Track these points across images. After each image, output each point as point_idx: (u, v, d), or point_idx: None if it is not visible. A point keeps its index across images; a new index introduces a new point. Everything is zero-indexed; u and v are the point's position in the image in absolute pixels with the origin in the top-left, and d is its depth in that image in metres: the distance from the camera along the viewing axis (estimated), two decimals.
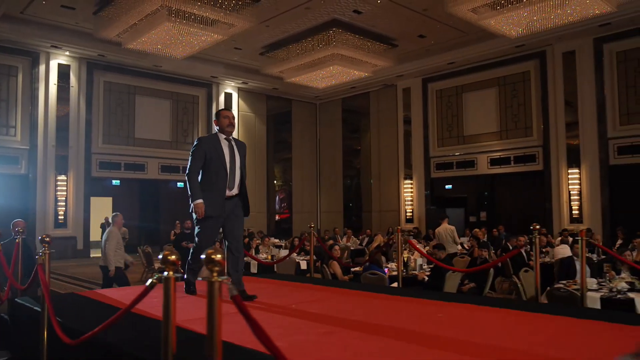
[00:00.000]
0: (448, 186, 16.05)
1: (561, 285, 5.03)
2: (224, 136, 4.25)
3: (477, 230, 10.83)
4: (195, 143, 4.23)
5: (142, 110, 15.36)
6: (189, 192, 4.11)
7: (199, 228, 4.19)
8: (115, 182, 14.98)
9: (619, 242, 11.05)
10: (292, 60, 14.17)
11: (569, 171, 13.27)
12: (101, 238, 15.49)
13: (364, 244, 12.44)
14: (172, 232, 11.56)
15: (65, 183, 13.67)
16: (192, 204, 4.07)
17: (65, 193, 13.63)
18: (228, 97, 17.17)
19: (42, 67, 13.55)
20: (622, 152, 12.70)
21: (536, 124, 14.08)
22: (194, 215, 4.14)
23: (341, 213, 18.73)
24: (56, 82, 13.66)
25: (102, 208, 15.63)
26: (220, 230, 4.30)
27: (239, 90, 17.46)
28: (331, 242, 8.84)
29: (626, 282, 4.97)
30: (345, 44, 13.16)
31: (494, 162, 14.87)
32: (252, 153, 17.74)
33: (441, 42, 14.08)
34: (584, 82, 13.15)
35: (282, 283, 5.16)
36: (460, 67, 15.27)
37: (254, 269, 8.69)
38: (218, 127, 4.32)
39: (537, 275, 4.60)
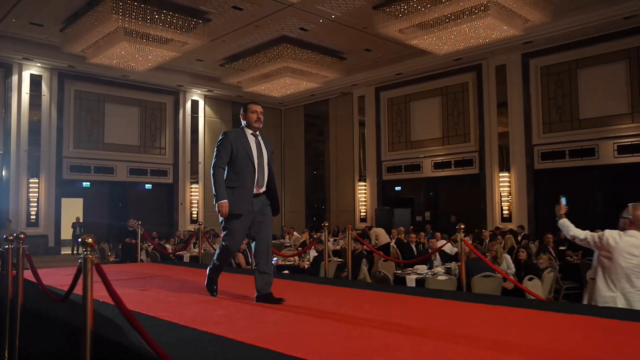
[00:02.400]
0: (397, 188, 17.28)
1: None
2: (250, 131, 4.07)
3: (401, 228, 12.02)
4: (221, 137, 4.01)
5: (111, 117, 16.46)
6: (214, 190, 3.89)
7: (225, 229, 3.98)
8: (85, 184, 16.05)
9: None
10: (248, 71, 15.33)
11: (500, 175, 14.52)
12: (72, 237, 16.65)
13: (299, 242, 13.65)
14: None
15: (37, 185, 14.75)
16: (216, 203, 3.86)
17: (37, 194, 14.71)
18: (194, 104, 18.31)
19: (14, 78, 14.63)
20: (544, 157, 13.96)
21: (473, 131, 15.32)
22: (220, 216, 3.94)
23: (303, 213, 19.92)
24: (28, 91, 14.72)
25: (73, 208, 16.71)
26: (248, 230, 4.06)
27: (205, 97, 18.60)
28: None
29: (443, 267, 6.22)
30: (295, 57, 14.33)
31: (437, 165, 16.11)
32: None
33: (386, 55, 15.28)
34: (513, 94, 14.40)
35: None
36: (407, 78, 16.49)
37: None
38: (245, 122, 4.11)
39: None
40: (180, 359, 2.31)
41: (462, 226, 4.97)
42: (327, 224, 6.21)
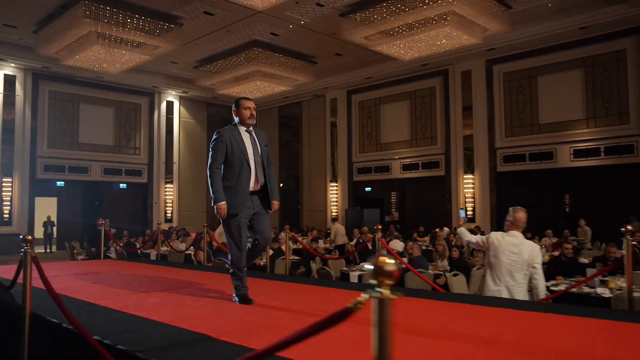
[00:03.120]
0: (368, 189, 17.74)
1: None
2: (244, 128, 4.01)
3: (365, 228, 12.47)
4: (214, 137, 3.93)
5: (86, 117, 16.66)
6: (211, 192, 3.84)
7: (227, 230, 3.91)
8: (59, 183, 16.24)
9: None
10: (221, 74, 15.65)
11: (465, 176, 15.05)
12: (43, 235, 16.78)
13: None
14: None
15: (11, 184, 14.92)
16: (214, 205, 3.81)
17: (10, 193, 14.88)
18: (170, 105, 18.58)
19: None
20: (506, 160, 14.51)
21: (440, 134, 15.83)
22: (219, 212, 3.85)
23: (277, 212, 20.22)
24: (2, 91, 14.87)
25: (47, 207, 16.88)
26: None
27: (180, 98, 18.87)
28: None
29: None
30: (266, 61, 14.69)
31: (405, 167, 16.59)
32: (192, 158, 19.22)
33: (356, 59, 15.71)
34: (477, 98, 14.93)
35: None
36: (377, 82, 16.95)
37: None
38: (238, 119, 4.03)
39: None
40: (101, 334, 2.69)
41: (422, 228, 5.41)
42: (288, 226, 6.63)
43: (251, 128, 4.06)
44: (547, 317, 3.36)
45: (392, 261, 1.25)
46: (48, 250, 16.39)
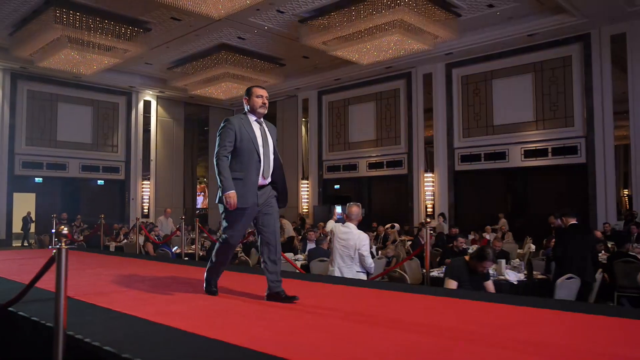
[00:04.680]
0: (336, 186, 18.44)
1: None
2: (254, 117, 3.81)
3: (321, 224, 13.14)
4: (223, 124, 3.75)
5: (64, 116, 17.28)
6: (218, 180, 3.62)
7: (227, 221, 3.74)
8: (37, 179, 16.87)
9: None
10: (194, 75, 16.28)
11: (425, 175, 15.74)
12: (22, 230, 17.40)
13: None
14: (73, 224, 13.59)
15: None
16: (222, 195, 3.58)
17: None
18: (147, 104, 19.20)
19: None
20: (463, 159, 15.21)
21: (403, 134, 16.52)
22: (221, 207, 3.72)
23: None
24: None
25: (25, 203, 17.48)
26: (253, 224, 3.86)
27: (157, 97, 19.49)
28: (156, 229, 11.13)
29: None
30: (235, 63, 15.34)
31: (371, 166, 17.29)
32: (170, 154, 19.87)
33: (323, 62, 16.35)
34: (438, 100, 15.62)
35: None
36: (345, 83, 17.62)
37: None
38: (248, 107, 3.84)
39: None
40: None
41: (375, 224, 6.10)
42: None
43: (262, 119, 3.85)
44: (374, 292, 4.05)
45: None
46: (25, 244, 17.02)
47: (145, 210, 18.84)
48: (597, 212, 12.69)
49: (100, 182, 18.30)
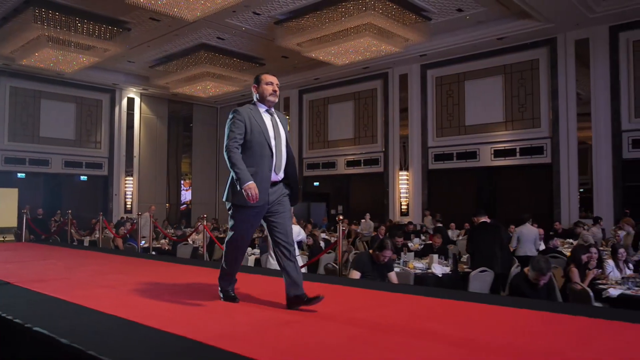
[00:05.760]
0: (316, 183, 18.83)
1: None
2: (264, 107, 3.55)
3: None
4: (231, 115, 3.47)
5: (47, 112, 17.54)
6: (233, 173, 3.32)
7: (235, 220, 3.44)
8: (20, 175, 17.14)
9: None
10: (175, 74, 16.59)
11: (400, 173, 16.16)
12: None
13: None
14: (52, 219, 13.89)
15: None
16: (240, 188, 3.24)
17: None
18: (130, 101, 19.48)
19: None
20: (437, 158, 15.63)
21: (380, 133, 16.92)
22: (228, 204, 3.44)
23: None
24: None
25: (8, 198, 17.73)
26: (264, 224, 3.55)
27: (141, 95, 19.77)
28: (127, 224, 11.50)
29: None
30: (215, 63, 15.66)
31: (349, 163, 17.68)
32: (154, 151, 20.17)
33: (303, 62, 16.69)
34: (413, 100, 16.02)
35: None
36: (324, 83, 17.99)
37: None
38: (258, 96, 3.57)
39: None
40: None
41: (346, 221, 6.31)
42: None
43: (272, 109, 3.59)
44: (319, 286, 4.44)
45: None
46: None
47: (129, 206, 19.15)
48: (561, 209, 13.14)
49: (83, 178, 18.58)
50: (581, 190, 13.03)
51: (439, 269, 5.87)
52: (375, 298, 3.87)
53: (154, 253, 8.44)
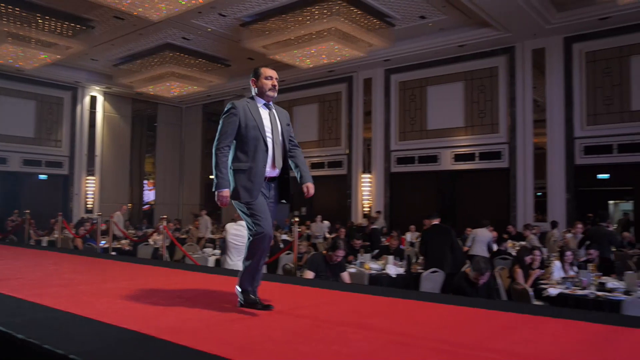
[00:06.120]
0: None
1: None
2: (263, 102, 3.48)
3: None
4: (226, 109, 3.42)
5: (5, 110, 17.13)
6: (214, 174, 3.30)
7: (251, 212, 3.31)
8: None
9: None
10: (139, 73, 16.46)
11: (363, 176, 16.40)
12: None
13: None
14: (9, 219, 13.63)
15: None
16: (215, 191, 3.26)
17: None
18: (93, 99, 19.20)
19: None
20: (399, 162, 15.93)
21: (344, 136, 17.14)
22: (239, 204, 3.35)
23: (197, 206, 21.21)
24: None
25: None
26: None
27: (105, 93, 19.51)
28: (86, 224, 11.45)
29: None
30: (180, 63, 15.61)
31: (313, 165, 17.82)
32: (117, 150, 19.93)
33: (268, 64, 16.67)
34: (377, 104, 16.29)
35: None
36: (290, 85, 18.08)
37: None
38: (256, 90, 3.49)
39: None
40: None
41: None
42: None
43: (271, 103, 3.52)
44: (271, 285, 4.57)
45: None
46: None
47: (89, 206, 18.86)
48: (517, 213, 13.58)
49: (42, 176, 18.24)
50: (539, 194, 13.49)
51: (393, 269, 6.07)
52: (325, 296, 4.02)
53: (114, 253, 8.41)
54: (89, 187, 18.97)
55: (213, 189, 3.26)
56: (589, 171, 12.92)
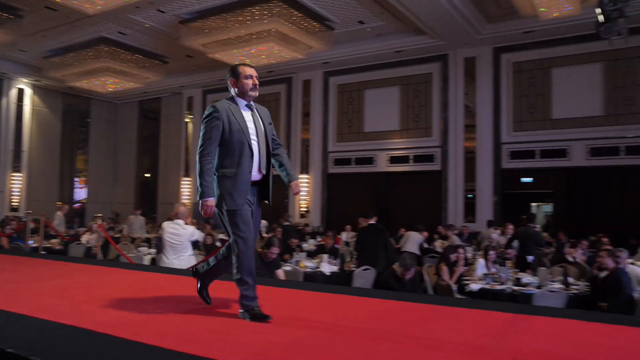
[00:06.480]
0: None
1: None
2: (244, 102, 3.35)
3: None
4: (207, 112, 3.23)
5: None
6: (198, 182, 3.11)
7: (231, 223, 3.15)
8: None
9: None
10: (72, 66, 15.89)
11: (301, 176, 16.56)
12: None
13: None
14: None
15: None
16: (199, 200, 3.09)
17: None
18: (21, 92, 18.35)
19: None
20: (337, 163, 16.22)
21: (282, 137, 17.22)
22: (216, 208, 3.18)
23: (132, 205, 20.70)
24: None
25: None
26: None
27: (34, 86, 18.70)
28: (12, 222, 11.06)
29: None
30: (116, 58, 15.21)
31: None
32: (46, 146, 19.16)
33: (207, 62, 16.58)
34: (315, 105, 16.51)
35: None
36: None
37: None
38: (236, 90, 3.37)
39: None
40: None
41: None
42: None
43: (252, 103, 3.39)
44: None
45: None
46: None
47: (15, 204, 18.03)
48: (449, 214, 14.16)
49: None
50: (469, 196, 14.12)
51: (327, 267, 6.26)
52: (260, 292, 4.12)
53: (44, 252, 8.15)
54: (15, 185, 18.12)
55: (197, 198, 3.10)
56: (514, 175, 13.68)
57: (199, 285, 3.46)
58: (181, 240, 5.53)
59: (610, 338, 2.80)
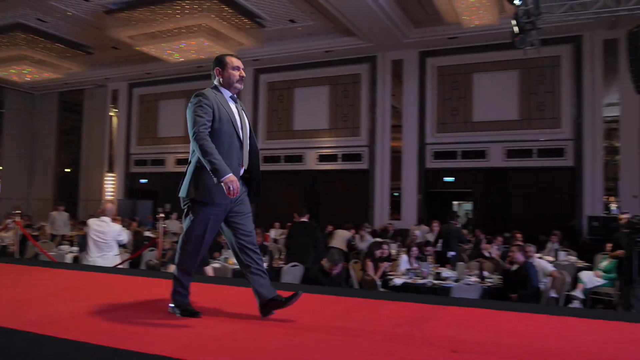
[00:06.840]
0: (143, 180, 18.33)
1: None
2: (229, 94, 3.17)
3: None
4: (195, 99, 3.03)
5: None
6: (207, 163, 2.87)
7: (194, 219, 3.02)
8: None
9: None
10: None
11: None
12: None
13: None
14: None
15: None
16: (217, 180, 2.83)
17: None
18: None
19: None
20: (266, 160, 16.15)
21: None
22: (185, 201, 3.07)
23: (50, 201, 19.77)
24: None
25: None
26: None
27: None
28: None
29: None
30: (34, 46, 14.46)
31: (179, 161, 17.53)
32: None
33: (134, 54, 16.07)
34: (245, 103, 16.28)
35: None
36: (157, 78, 17.60)
37: None
38: (221, 80, 3.16)
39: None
40: None
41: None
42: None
43: (235, 95, 3.23)
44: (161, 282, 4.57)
45: None
46: None
47: None
48: (375, 212, 14.56)
49: None
50: (395, 194, 14.58)
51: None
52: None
53: None
54: None
55: (215, 182, 2.85)
56: (437, 174, 14.27)
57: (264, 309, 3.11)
58: (107, 238, 5.41)
59: (517, 324, 3.06)
